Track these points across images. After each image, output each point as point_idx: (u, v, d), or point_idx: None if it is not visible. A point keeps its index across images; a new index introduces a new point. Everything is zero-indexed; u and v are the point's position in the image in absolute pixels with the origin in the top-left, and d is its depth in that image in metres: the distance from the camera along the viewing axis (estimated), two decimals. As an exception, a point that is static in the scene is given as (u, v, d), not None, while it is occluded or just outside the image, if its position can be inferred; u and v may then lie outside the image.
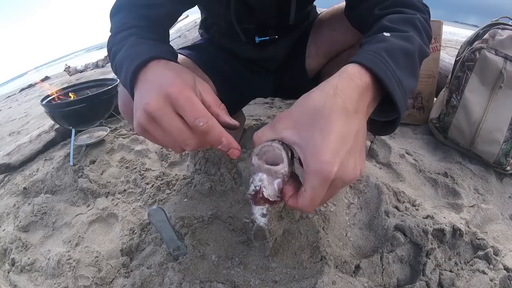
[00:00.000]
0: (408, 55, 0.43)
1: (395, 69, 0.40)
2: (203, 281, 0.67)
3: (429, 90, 1.21)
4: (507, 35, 0.92)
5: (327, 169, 0.34)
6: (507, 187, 0.95)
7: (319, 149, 0.34)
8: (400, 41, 0.43)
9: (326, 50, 0.83)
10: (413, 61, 0.44)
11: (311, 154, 0.35)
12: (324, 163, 0.34)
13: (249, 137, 1.16)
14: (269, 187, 0.40)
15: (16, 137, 2.00)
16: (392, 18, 0.50)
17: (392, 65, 0.40)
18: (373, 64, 0.39)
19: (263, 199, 0.40)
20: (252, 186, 0.41)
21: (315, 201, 0.36)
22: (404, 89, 0.40)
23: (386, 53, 0.40)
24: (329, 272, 0.63)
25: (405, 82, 0.41)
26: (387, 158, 1.01)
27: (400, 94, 0.40)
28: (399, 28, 0.47)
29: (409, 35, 0.45)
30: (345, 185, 0.37)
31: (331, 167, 0.34)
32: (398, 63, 0.41)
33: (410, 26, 0.48)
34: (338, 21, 0.77)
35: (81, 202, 1.04)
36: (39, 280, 0.78)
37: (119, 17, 0.60)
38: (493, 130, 0.94)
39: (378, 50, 0.41)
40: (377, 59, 0.39)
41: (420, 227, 0.70)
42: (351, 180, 0.36)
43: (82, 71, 3.86)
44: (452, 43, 3.25)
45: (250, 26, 0.77)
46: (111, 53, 0.56)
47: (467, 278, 0.64)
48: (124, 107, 0.70)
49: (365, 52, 0.41)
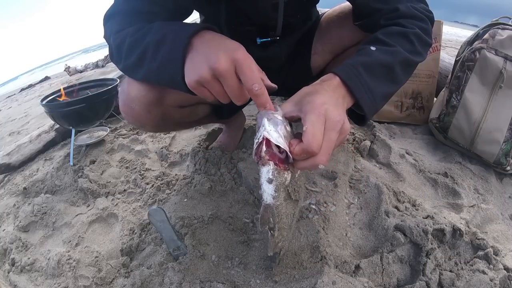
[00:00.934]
0: (386, 66, 0.55)
1: (368, 79, 0.52)
2: (203, 281, 0.67)
3: (429, 90, 1.21)
4: (507, 35, 0.92)
5: (319, 106, 0.44)
6: (507, 187, 0.95)
7: (311, 100, 0.46)
8: (382, 55, 0.55)
9: (332, 47, 0.84)
10: (390, 71, 0.55)
11: (306, 104, 0.45)
12: (316, 103, 0.45)
13: (249, 137, 1.16)
14: (272, 133, 0.45)
15: (16, 137, 2.00)
16: (388, 30, 0.59)
17: (364, 76, 0.52)
18: (344, 75, 0.51)
19: (268, 152, 0.45)
20: (255, 141, 0.46)
21: (317, 137, 0.43)
22: (374, 94, 0.53)
23: (362, 66, 0.52)
24: (329, 272, 0.63)
25: (377, 89, 0.53)
26: (387, 158, 1.01)
27: (367, 97, 0.52)
28: (388, 41, 0.57)
29: (394, 49, 0.56)
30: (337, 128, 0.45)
31: (322, 106, 0.45)
32: (373, 74, 0.53)
33: (402, 39, 0.58)
34: (344, 18, 0.79)
35: (81, 202, 1.04)
36: (39, 280, 0.78)
37: (117, 20, 0.61)
38: (493, 130, 0.94)
39: (356, 64, 0.53)
40: (350, 71, 0.52)
41: (420, 227, 0.70)
42: (339, 121, 0.45)
43: (82, 71, 3.86)
44: (452, 43, 3.25)
45: (252, 28, 0.77)
46: (125, 44, 0.56)
47: (467, 278, 0.64)
48: (124, 107, 0.69)
49: (344, 64, 0.53)
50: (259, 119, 0.47)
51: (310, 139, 0.43)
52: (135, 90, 0.65)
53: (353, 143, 1.09)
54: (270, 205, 0.47)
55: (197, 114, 0.88)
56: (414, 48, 0.58)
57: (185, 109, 0.80)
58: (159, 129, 1.00)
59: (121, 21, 0.60)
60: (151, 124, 0.73)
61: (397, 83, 0.59)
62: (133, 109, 0.68)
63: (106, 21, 0.63)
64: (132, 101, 0.66)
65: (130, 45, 0.55)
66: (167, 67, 0.51)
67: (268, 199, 0.47)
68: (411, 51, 0.58)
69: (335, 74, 0.52)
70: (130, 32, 0.56)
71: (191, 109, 0.83)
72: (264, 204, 0.48)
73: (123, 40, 0.56)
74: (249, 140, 1.15)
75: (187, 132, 1.37)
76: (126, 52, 0.57)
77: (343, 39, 0.81)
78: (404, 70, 0.58)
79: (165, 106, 0.71)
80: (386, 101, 0.59)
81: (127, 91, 0.66)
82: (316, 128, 0.43)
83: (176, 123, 0.87)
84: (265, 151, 0.45)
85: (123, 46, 0.57)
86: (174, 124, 0.89)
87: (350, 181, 0.91)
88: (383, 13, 0.63)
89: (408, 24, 0.60)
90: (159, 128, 0.92)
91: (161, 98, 0.68)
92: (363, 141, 1.07)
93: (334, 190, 0.87)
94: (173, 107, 0.74)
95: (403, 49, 0.57)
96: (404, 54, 0.56)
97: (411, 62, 0.59)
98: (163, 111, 0.72)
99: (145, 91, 0.65)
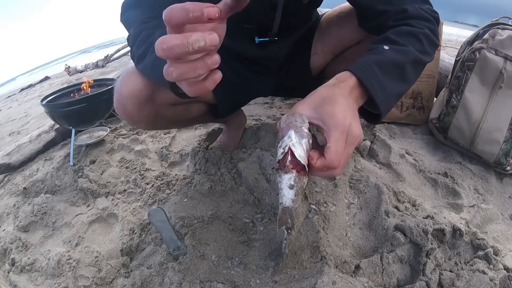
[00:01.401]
0: (398, 66, 0.55)
1: (382, 77, 0.52)
2: (203, 281, 0.67)
3: (429, 90, 1.21)
4: (507, 35, 0.92)
5: (343, 123, 0.44)
6: (507, 187, 0.95)
7: (333, 112, 0.45)
8: (394, 54, 0.55)
9: (332, 47, 0.85)
10: (402, 70, 0.56)
11: (328, 117, 0.45)
12: (340, 119, 0.44)
13: (249, 137, 1.16)
14: (297, 146, 0.45)
15: (16, 137, 2.00)
16: (398, 30, 0.60)
17: (379, 74, 0.52)
18: (360, 73, 0.51)
19: (293, 162, 0.45)
20: (280, 150, 0.46)
21: (339, 154, 0.44)
22: (388, 92, 0.53)
23: (376, 65, 0.52)
24: (329, 272, 0.63)
25: (390, 87, 0.54)
26: (387, 158, 1.01)
27: (382, 96, 0.52)
28: (400, 41, 0.57)
29: (406, 49, 0.56)
30: (355, 143, 0.46)
31: (346, 121, 0.45)
32: (387, 72, 0.53)
33: (412, 39, 0.58)
34: (345, 18, 0.79)
35: (81, 202, 1.04)
36: (39, 280, 0.78)
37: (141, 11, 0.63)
38: (493, 130, 0.94)
39: (370, 62, 0.53)
40: (365, 69, 0.52)
41: (420, 227, 0.70)
42: (358, 137, 0.46)
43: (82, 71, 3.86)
44: (452, 43, 3.25)
45: (251, 26, 0.77)
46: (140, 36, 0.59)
47: (467, 278, 0.64)
48: (117, 105, 0.71)
49: (359, 62, 0.53)
50: (285, 129, 0.47)
51: (333, 157, 0.44)
52: (127, 89, 0.67)
53: (353, 143, 1.09)
54: (289, 207, 0.48)
55: (191, 112, 0.89)
56: (424, 48, 0.59)
57: (178, 107, 0.80)
58: (153, 127, 1.01)
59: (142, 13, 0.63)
60: (144, 121, 0.75)
61: (409, 82, 0.59)
62: (125, 107, 0.70)
63: (127, 8, 0.66)
64: (124, 99, 0.68)
65: (144, 37, 0.59)
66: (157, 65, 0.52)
67: (287, 202, 0.48)
68: (421, 51, 0.58)
69: (351, 73, 0.52)
70: (149, 26, 0.59)
71: (184, 107, 0.84)
72: (283, 207, 0.48)
73: (141, 31, 0.60)
74: (249, 140, 1.15)
75: (187, 132, 1.37)
76: (138, 43, 0.60)
77: (343, 39, 0.81)
78: (414, 69, 0.59)
79: (157, 104, 0.72)
80: (398, 100, 0.60)
81: (120, 89, 0.68)
82: (339, 146, 0.44)
83: (170, 121, 0.88)
84: (290, 160, 0.45)
85: (138, 36, 0.60)
86: (169, 122, 0.89)
87: (350, 181, 0.91)
88: (390, 15, 0.63)
89: (417, 24, 0.60)
90: (153, 126, 0.92)
91: (153, 96, 0.70)
92: (363, 141, 1.07)
93: (334, 190, 0.87)
94: (165, 105, 0.75)
95: (414, 48, 0.57)
96: (415, 54, 0.57)
97: (421, 62, 0.60)
98: (155, 109, 0.73)
99: (137, 90, 0.67)
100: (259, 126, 1.22)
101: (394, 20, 0.62)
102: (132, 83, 0.67)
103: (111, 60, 3.95)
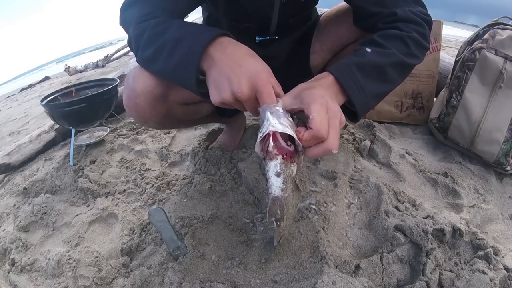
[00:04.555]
0: (378, 67, 0.57)
1: (360, 77, 0.55)
2: (203, 281, 0.67)
3: (429, 90, 1.21)
4: (507, 35, 0.92)
5: (321, 98, 0.48)
6: (507, 187, 0.95)
7: (311, 92, 0.50)
8: (376, 56, 0.57)
9: (331, 45, 0.85)
10: (382, 72, 0.58)
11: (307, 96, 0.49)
12: (317, 95, 0.49)
13: (249, 137, 1.16)
14: (277, 125, 0.46)
15: (16, 137, 2.00)
16: (384, 33, 0.62)
17: (357, 74, 0.55)
18: (337, 72, 0.55)
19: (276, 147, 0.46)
20: (260, 134, 0.47)
21: (324, 123, 0.46)
22: (366, 92, 0.56)
23: (356, 66, 0.55)
24: (329, 272, 0.63)
25: (369, 87, 0.56)
26: (387, 158, 1.01)
27: (359, 94, 0.55)
28: (384, 44, 0.59)
29: (389, 51, 0.58)
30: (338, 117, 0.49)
31: (323, 98, 0.48)
32: (366, 73, 0.56)
33: (397, 42, 0.60)
34: (343, 17, 0.80)
35: (81, 202, 1.04)
36: (39, 280, 0.78)
37: (137, 9, 0.62)
38: (493, 130, 0.94)
39: (350, 63, 0.56)
40: (343, 69, 0.55)
41: (420, 227, 0.70)
42: (338, 112, 0.49)
43: (82, 71, 3.87)
44: (452, 43, 3.25)
45: (251, 25, 0.77)
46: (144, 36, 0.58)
47: (467, 278, 0.64)
48: (128, 101, 0.69)
49: (339, 63, 0.57)
50: (262, 114, 0.49)
51: (318, 125, 0.45)
52: (141, 85, 0.65)
53: (353, 143, 1.09)
54: (279, 197, 0.48)
55: (200, 112, 0.88)
56: (410, 50, 0.61)
57: (189, 107, 0.80)
58: (162, 126, 1.00)
59: (142, 8, 0.62)
60: (155, 120, 0.74)
61: (390, 83, 0.62)
62: (138, 104, 0.68)
63: (125, 8, 0.65)
64: (137, 96, 0.66)
65: (149, 38, 0.58)
66: (181, 70, 0.54)
67: (276, 192, 0.48)
68: (406, 54, 0.60)
69: (329, 73, 0.55)
70: (150, 25, 0.58)
71: (194, 107, 0.83)
72: (272, 197, 0.49)
73: (142, 32, 0.59)
74: (249, 140, 1.15)
75: (187, 132, 1.37)
76: (144, 45, 0.59)
77: (342, 38, 0.82)
78: (397, 71, 0.61)
79: (169, 102, 0.71)
80: (379, 99, 0.62)
81: (133, 85, 0.66)
82: (321, 116, 0.46)
83: (179, 121, 0.87)
84: (272, 145, 0.46)
85: (141, 38, 0.59)
86: (177, 122, 0.88)
87: (350, 181, 0.91)
88: (381, 17, 0.65)
89: (405, 27, 0.62)
90: (162, 125, 0.91)
91: (166, 94, 0.69)
92: (363, 141, 1.07)
93: (334, 190, 0.87)
94: (177, 104, 0.74)
95: (398, 51, 0.59)
96: (398, 56, 0.59)
97: (405, 64, 0.62)
98: (167, 108, 0.72)
99: (151, 87, 0.65)
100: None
101: (384, 22, 0.64)
102: (146, 80, 0.65)
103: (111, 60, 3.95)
